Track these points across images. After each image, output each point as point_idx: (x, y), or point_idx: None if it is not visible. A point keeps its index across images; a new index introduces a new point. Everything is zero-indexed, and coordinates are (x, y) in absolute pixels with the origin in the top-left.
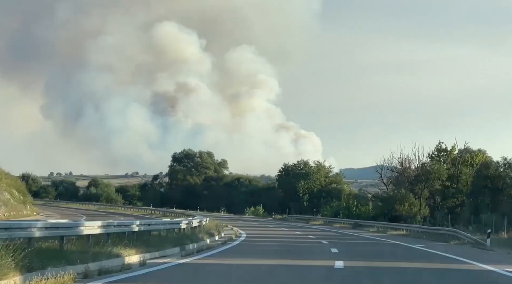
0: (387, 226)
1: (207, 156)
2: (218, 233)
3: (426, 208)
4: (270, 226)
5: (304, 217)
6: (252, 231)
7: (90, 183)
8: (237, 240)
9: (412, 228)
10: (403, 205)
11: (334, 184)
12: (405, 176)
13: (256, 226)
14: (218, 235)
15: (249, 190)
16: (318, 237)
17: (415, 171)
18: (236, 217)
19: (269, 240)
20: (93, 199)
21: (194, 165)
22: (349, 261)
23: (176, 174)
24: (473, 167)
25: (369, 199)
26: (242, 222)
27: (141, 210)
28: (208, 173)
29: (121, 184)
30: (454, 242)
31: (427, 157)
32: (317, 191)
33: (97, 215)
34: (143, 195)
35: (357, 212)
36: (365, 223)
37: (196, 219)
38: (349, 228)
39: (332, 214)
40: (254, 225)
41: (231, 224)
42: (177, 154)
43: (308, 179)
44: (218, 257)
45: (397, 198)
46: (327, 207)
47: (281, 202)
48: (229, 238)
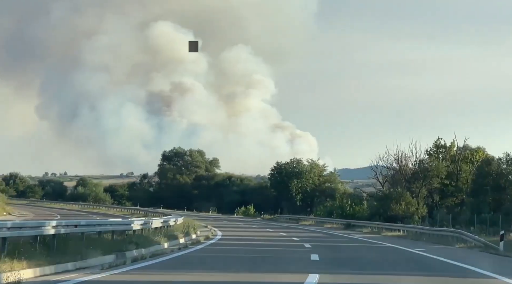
0: (382, 227)
1: (197, 154)
2: (185, 235)
3: (424, 207)
4: (255, 226)
5: (294, 217)
6: (231, 232)
7: (78, 182)
8: (205, 243)
9: (409, 228)
10: (400, 204)
11: (328, 183)
12: (402, 173)
13: (239, 227)
14: (185, 237)
15: (241, 189)
16: (303, 240)
17: (412, 169)
18: (224, 217)
19: (244, 243)
20: (80, 198)
21: (184, 163)
22: (328, 275)
23: (165, 173)
24: (473, 164)
25: (364, 198)
26: (227, 222)
27: (124, 209)
28: (198, 172)
29: (111, 184)
30: (459, 245)
31: (425, 154)
32: (311, 190)
33: (72, 215)
34: (132, 195)
35: (351, 212)
36: (357, 223)
37: (158, 219)
38: (341, 228)
39: (325, 214)
40: (238, 225)
41: (213, 224)
42: (167, 152)
43: (301, 178)
44: (154, 269)
45: (393, 196)
46: (320, 206)
47: (273, 202)
48: (197, 240)
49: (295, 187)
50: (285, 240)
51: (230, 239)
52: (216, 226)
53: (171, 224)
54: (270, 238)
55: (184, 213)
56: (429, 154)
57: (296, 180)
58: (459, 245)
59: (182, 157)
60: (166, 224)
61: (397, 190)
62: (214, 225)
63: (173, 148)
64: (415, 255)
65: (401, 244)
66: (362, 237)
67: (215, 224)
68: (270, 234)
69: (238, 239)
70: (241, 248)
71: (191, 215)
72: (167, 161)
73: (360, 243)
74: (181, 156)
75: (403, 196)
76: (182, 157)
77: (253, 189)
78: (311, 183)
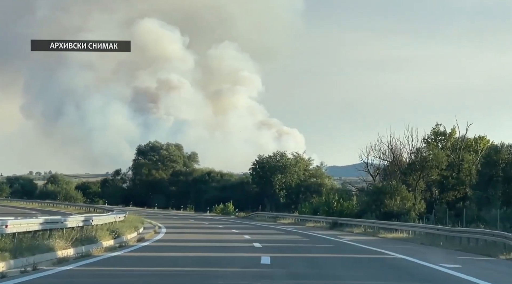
0: (378, 226)
1: (174, 148)
2: (115, 237)
3: (422, 203)
4: (220, 226)
5: (272, 215)
6: (177, 235)
7: (48, 179)
8: (127, 248)
9: (417, 228)
10: (395, 199)
11: (314, 178)
12: (397, 164)
13: (197, 227)
14: (114, 240)
15: (221, 185)
16: (268, 248)
17: (408, 159)
18: (195, 215)
19: (175, 253)
20: (50, 196)
21: (160, 158)
22: None
23: (140, 168)
24: (477, 153)
25: (353, 193)
26: (193, 221)
27: (81, 207)
28: (176, 167)
29: (84, 181)
30: (505, 256)
31: (422, 142)
32: (296, 185)
33: (21, 214)
34: (104, 192)
35: (338, 208)
36: (347, 221)
37: (79, 217)
38: (326, 228)
39: (310, 211)
40: (199, 225)
41: (166, 224)
42: (142, 146)
43: (286, 173)
44: None
45: (386, 190)
46: (305, 203)
47: (255, 198)
48: (125, 244)
49: (278, 182)
50: (242, 247)
51: (165, 246)
52: (170, 226)
53: (96, 222)
54: (221, 245)
55: (153, 211)
56: (426, 142)
57: (279, 175)
58: (504, 255)
59: (158, 151)
60: (87, 223)
61: (391, 183)
62: (167, 225)
63: (149, 142)
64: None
65: (416, 254)
66: (353, 240)
67: (170, 224)
68: (229, 237)
69: (178, 244)
70: (163, 261)
71: (156, 213)
72: (142, 155)
73: (352, 253)
74: (157, 150)
75: (398, 189)
76: (158, 151)
77: (234, 185)
78: (296, 178)
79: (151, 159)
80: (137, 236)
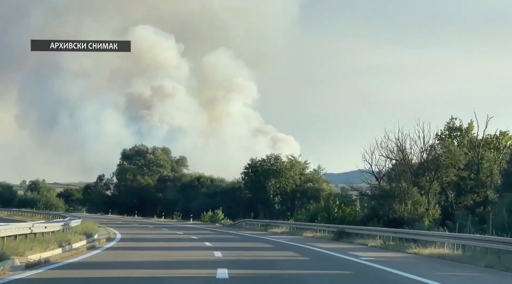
0: (403, 236)
1: (161, 152)
2: None
3: (437, 208)
4: (194, 237)
5: (263, 222)
6: (133, 252)
7: (29, 186)
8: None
9: (462, 240)
10: (405, 204)
11: (311, 182)
12: (407, 164)
13: (160, 238)
14: None
15: (211, 191)
16: (240, 281)
17: (419, 157)
18: (177, 224)
19: None
20: (30, 204)
21: (146, 162)
22: None
23: (124, 173)
24: (498, 151)
25: (354, 199)
26: (167, 230)
27: (50, 215)
28: (163, 172)
29: (67, 188)
30: None
31: (435, 138)
32: (291, 191)
33: None
34: (87, 199)
35: (340, 215)
36: (356, 230)
37: None
38: (329, 239)
39: (307, 218)
40: (166, 236)
41: (127, 234)
42: (127, 150)
43: (280, 177)
44: None
45: (396, 194)
46: (302, 209)
47: (247, 205)
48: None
49: (272, 187)
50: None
51: (99, 262)
52: (129, 237)
53: None
54: (166, 275)
55: (131, 219)
56: (440, 138)
57: (274, 179)
58: None
59: (144, 155)
60: None
61: (401, 185)
62: (127, 236)
63: (135, 145)
64: None
65: None
66: (376, 260)
67: (132, 234)
68: (191, 256)
69: (120, 258)
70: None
71: (129, 222)
72: (128, 159)
73: None
74: (142, 154)
75: (409, 192)
76: (144, 155)
77: (225, 190)
78: (291, 182)
79: (136, 164)
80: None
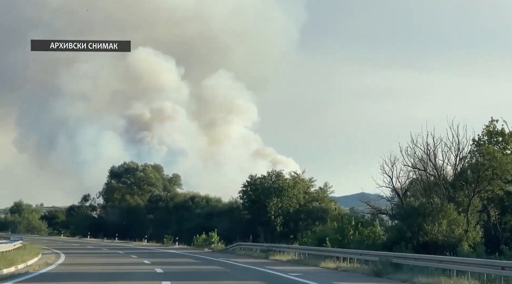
0: (447, 266)
1: (152, 169)
2: None
3: (478, 229)
4: (158, 270)
5: (262, 247)
6: None
7: (11, 209)
8: None
9: None
10: (439, 224)
11: (316, 201)
12: (439, 175)
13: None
14: None
15: (206, 212)
16: None
17: (454, 167)
18: (158, 250)
19: None
20: (10, 227)
21: (136, 181)
22: None
23: (112, 193)
24: None
25: (370, 218)
26: (135, 256)
27: None
28: (154, 192)
29: (51, 210)
30: None
31: (472, 145)
32: (294, 211)
33: None
34: (71, 221)
35: (356, 238)
36: (413, 260)
37: None
38: (366, 273)
39: (314, 241)
40: (116, 269)
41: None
42: (116, 168)
43: (282, 196)
44: None
45: (427, 211)
46: (307, 232)
47: (246, 227)
48: None
49: (274, 207)
50: None
51: None
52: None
53: None
54: None
55: (107, 243)
56: (477, 144)
57: (275, 199)
58: None
59: (134, 173)
60: None
61: (433, 201)
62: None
63: (124, 163)
64: None
65: None
66: None
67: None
68: None
69: None
70: None
71: (98, 246)
72: (116, 178)
73: None
74: (132, 172)
75: (444, 210)
76: (134, 173)
77: (222, 211)
78: (295, 202)
79: (125, 182)
80: None
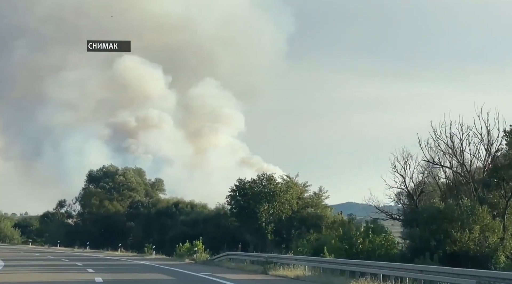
0: None
1: (133, 173)
2: None
3: None
4: None
5: (258, 258)
6: None
7: None
8: None
9: None
10: (469, 231)
11: (311, 208)
12: (468, 173)
13: None
14: None
15: (191, 219)
16: None
17: (485, 163)
18: (130, 260)
19: None
20: None
21: (115, 186)
22: None
23: (89, 198)
24: None
25: (380, 224)
26: (92, 271)
27: None
28: (135, 197)
29: (26, 217)
30: None
31: (503, 137)
32: (287, 218)
33: None
34: (45, 229)
35: (366, 247)
36: None
37: None
38: None
39: (310, 250)
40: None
41: None
42: (94, 172)
43: (274, 202)
44: None
45: (454, 215)
46: (302, 240)
47: (234, 235)
48: None
49: (264, 214)
50: None
51: None
52: None
53: None
54: None
55: (75, 252)
56: (508, 137)
57: (266, 204)
58: None
59: (113, 177)
60: None
61: (461, 203)
62: None
63: (103, 166)
64: None
65: None
66: None
67: None
68: None
69: None
70: None
71: (58, 256)
72: (94, 182)
73: None
74: (111, 176)
75: (476, 214)
76: (113, 177)
77: (208, 218)
78: (288, 207)
79: (104, 187)
80: None
